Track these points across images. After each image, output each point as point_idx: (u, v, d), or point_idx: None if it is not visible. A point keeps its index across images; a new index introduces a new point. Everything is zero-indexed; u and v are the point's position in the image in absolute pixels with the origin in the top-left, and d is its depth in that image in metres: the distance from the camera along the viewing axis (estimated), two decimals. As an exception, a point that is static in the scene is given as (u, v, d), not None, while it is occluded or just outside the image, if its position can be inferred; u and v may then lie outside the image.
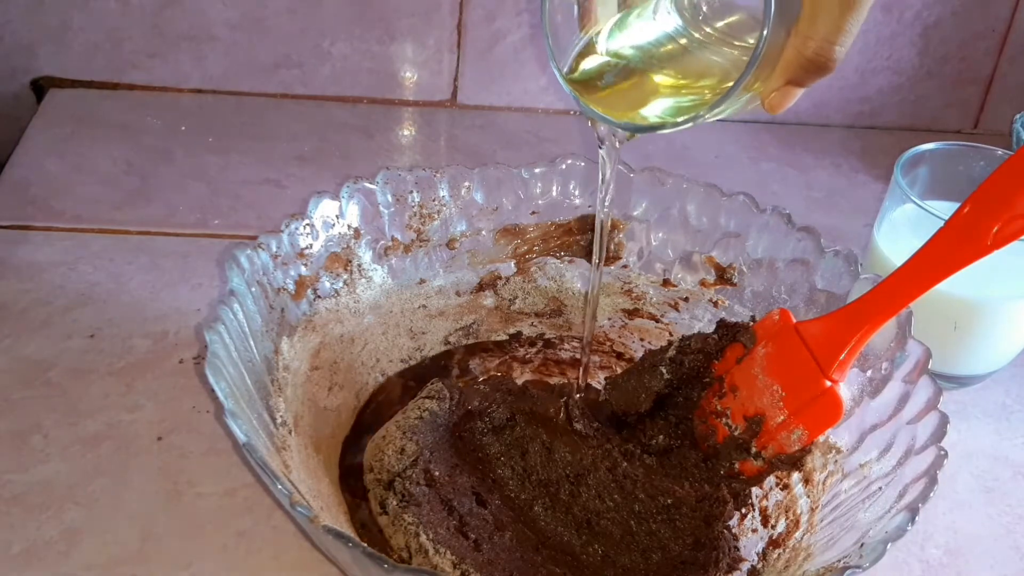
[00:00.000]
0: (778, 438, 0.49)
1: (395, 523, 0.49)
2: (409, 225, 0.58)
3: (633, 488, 0.52)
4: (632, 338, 0.61)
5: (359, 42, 0.82)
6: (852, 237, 0.73)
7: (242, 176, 0.76)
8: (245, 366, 0.47)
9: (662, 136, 0.85)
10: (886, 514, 0.43)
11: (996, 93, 0.89)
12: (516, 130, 0.85)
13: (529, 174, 0.59)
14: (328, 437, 0.53)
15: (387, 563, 0.37)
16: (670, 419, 0.53)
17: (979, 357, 0.62)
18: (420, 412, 0.53)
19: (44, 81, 0.82)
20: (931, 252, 0.45)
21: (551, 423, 0.54)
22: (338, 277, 0.55)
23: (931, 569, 0.53)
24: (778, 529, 0.50)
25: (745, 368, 0.50)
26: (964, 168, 0.62)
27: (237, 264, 0.49)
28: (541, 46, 0.83)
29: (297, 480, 0.45)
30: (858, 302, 0.47)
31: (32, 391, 0.57)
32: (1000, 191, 0.43)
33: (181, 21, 0.80)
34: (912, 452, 0.45)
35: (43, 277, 0.64)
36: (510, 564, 0.49)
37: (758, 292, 0.57)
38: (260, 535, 0.51)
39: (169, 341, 0.61)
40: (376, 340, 0.58)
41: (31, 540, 0.49)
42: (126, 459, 0.54)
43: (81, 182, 0.73)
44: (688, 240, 0.59)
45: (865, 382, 0.49)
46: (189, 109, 0.82)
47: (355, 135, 0.82)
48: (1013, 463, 0.60)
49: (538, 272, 0.61)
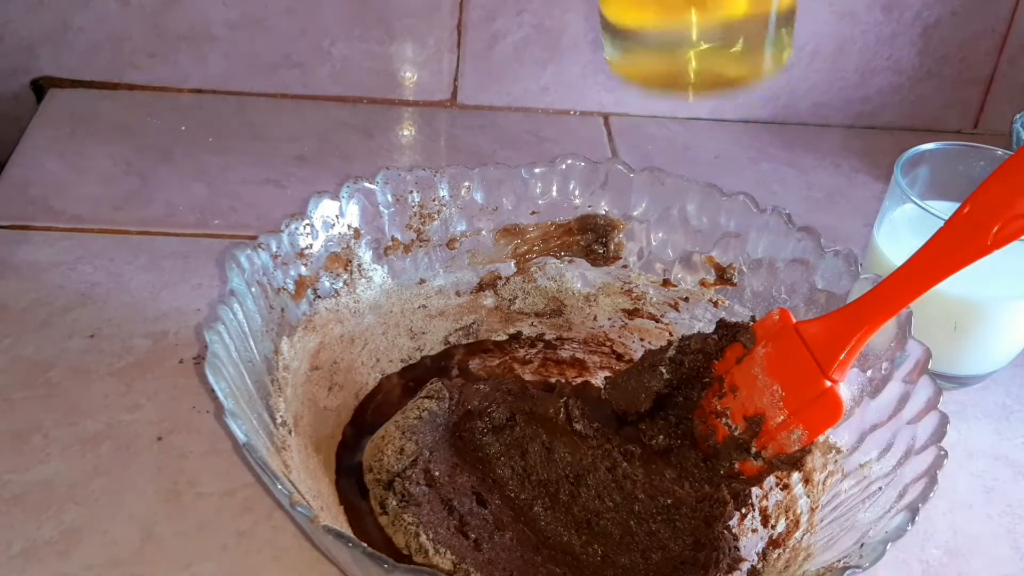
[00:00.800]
0: (778, 438, 0.49)
1: (395, 523, 0.49)
2: (409, 225, 0.58)
3: (633, 488, 0.52)
4: (632, 338, 0.61)
5: (359, 42, 0.82)
6: (852, 237, 0.73)
7: (242, 176, 0.76)
8: (245, 366, 0.47)
9: (661, 136, 0.85)
10: (886, 514, 0.43)
11: (996, 93, 0.89)
12: (516, 130, 0.85)
13: (529, 174, 0.59)
14: (328, 437, 0.53)
15: (387, 563, 0.37)
16: (670, 419, 0.54)
17: (979, 357, 0.62)
18: (419, 412, 0.53)
19: (44, 81, 0.82)
20: (931, 252, 0.45)
21: (551, 423, 0.54)
22: (338, 277, 0.55)
23: (931, 569, 0.53)
24: (778, 529, 0.50)
25: (745, 368, 0.50)
26: (964, 168, 0.62)
27: (237, 264, 0.49)
28: (541, 46, 0.83)
29: (297, 480, 0.45)
30: (858, 302, 0.47)
31: (32, 391, 0.57)
32: (1000, 191, 0.43)
33: (181, 21, 0.80)
34: (912, 452, 0.45)
35: (43, 277, 0.64)
36: (510, 564, 0.49)
37: (758, 292, 0.57)
38: (260, 535, 0.51)
39: (169, 341, 0.61)
40: (376, 340, 0.58)
41: (31, 540, 0.49)
42: (126, 459, 0.54)
43: (81, 182, 0.73)
44: (688, 240, 0.59)
45: (865, 382, 0.49)
46: (189, 109, 0.82)
47: (355, 135, 0.82)
48: (1013, 463, 0.60)
49: (538, 272, 0.61)
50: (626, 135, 0.85)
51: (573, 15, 0.82)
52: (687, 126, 0.87)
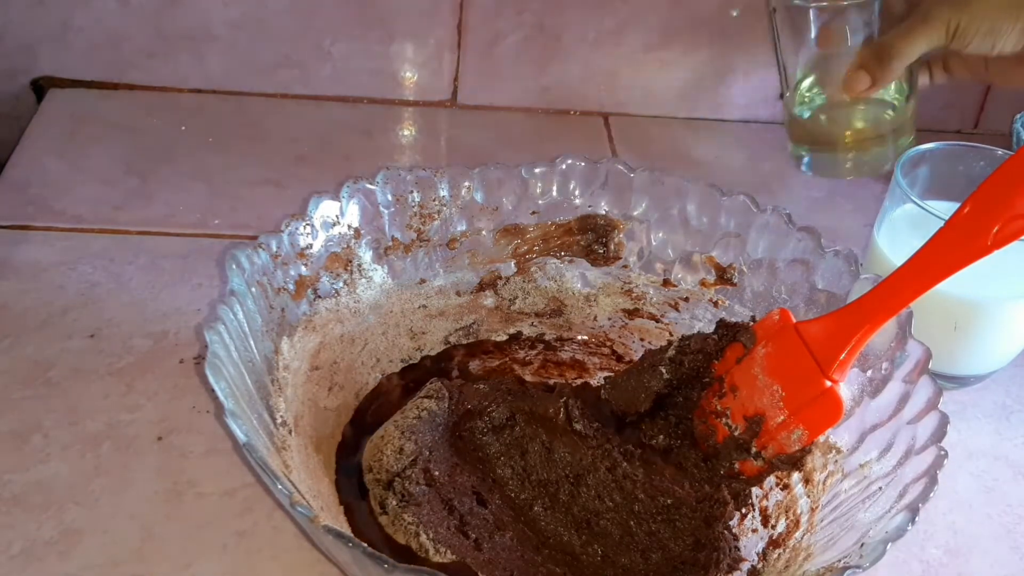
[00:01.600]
0: (778, 438, 0.49)
1: (395, 523, 0.49)
2: (409, 225, 0.58)
3: (633, 488, 0.52)
4: (632, 338, 0.61)
5: (359, 42, 0.82)
6: (852, 237, 0.73)
7: (242, 176, 0.76)
8: (245, 366, 0.47)
9: (661, 136, 0.85)
10: (886, 514, 0.43)
11: (996, 93, 0.89)
12: (516, 130, 0.85)
13: (529, 174, 0.59)
14: (328, 437, 0.53)
15: (387, 563, 0.37)
16: (670, 419, 0.53)
17: (979, 357, 0.62)
18: (418, 412, 0.53)
19: (44, 81, 0.82)
20: (931, 252, 0.45)
21: (551, 423, 0.54)
22: (338, 277, 0.55)
23: (931, 569, 0.53)
24: (778, 529, 0.50)
25: (745, 368, 0.50)
26: (964, 168, 0.62)
27: (237, 264, 0.49)
28: (541, 46, 0.83)
29: (297, 480, 0.45)
30: (858, 302, 0.47)
31: (32, 391, 0.57)
32: (1000, 191, 0.43)
33: (181, 21, 0.80)
34: (912, 452, 0.45)
35: (43, 277, 0.64)
36: (510, 564, 0.49)
37: (758, 292, 0.57)
38: (260, 535, 0.51)
39: (169, 341, 0.61)
40: (376, 340, 0.58)
41: (31, 540, 0.49)
42: (126, 459, 0.54)
43: (81, 182, 0.73)
44: (688, 240, 0.59)
45: (865, 382, 0.49)
46: (189, 109, 0.82)
47: (355, 135, 0.82)
48: (1013, 463, 0.60)
49: (538, 272, 0.61)
50: (626, 135, 0.85)
51: (573, 15, 0.82)
52: (687, 126, 0.87)
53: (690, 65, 0.85)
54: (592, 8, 0.82)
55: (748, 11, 0.82)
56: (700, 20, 0.83)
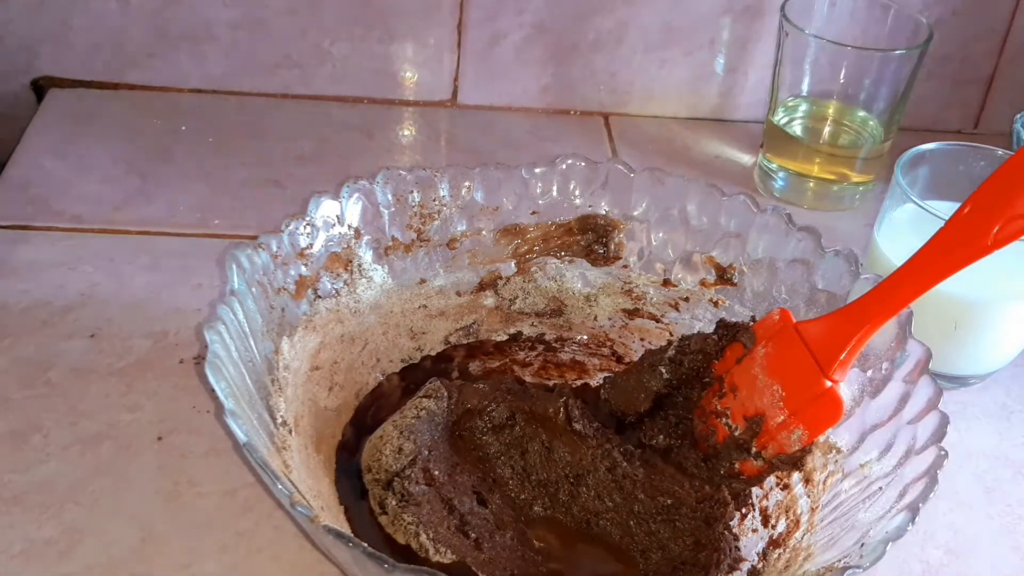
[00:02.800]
0: (778, 438, 0.49)
1: (395, 523, 0.49)
2: (409, 225, 0.58)
3: (633, 488, 0.52)
4: (632, 338, 0.61)
5: (359, 42, 0.82)
6: (852, 237, 0.73)
7: (242, 176, 0.76)
8: (245, 366, 0.47)
9: (661, 136, 0.85)
10: (886, 514, 0.43)
11: (996, 93, 0.89)
12: (516, 130, 0.85)
13: (529, 174, 0.58)
14: (328, 437, 0.53)
15: (387, 563, 0.37)
16: (670, 419, 0.53)
17: (979, 357, 0.62)
18: (418, 411, 0.53)
19: (44, 81, 0.82)
20: (931, 252, 0.45)
21: (551, 423, 0.54)
22: (338, 277, 0.55)
23: (931, 569, 0.53)
24: (778, 529, 0.50)
25: (745, 368, 0.50)
26: (964, 168, 0.62)
27: (237, 264, 0.49)
28: (541, 46, 0.83)
29: (297, 480, 0.45)
30: (858, 302, 0.47)
31: (32, 391, 0.57)
32: (1000, 191, 0.43)
33: (181, 21, 0.80)
34: (912, 452, 0.45)
35: (43, 277, 0.64)
36: (511, 563, 0.49)
37: (758, 292, 0.57)
38: (260, 535, 0.51)
39: (169, 341, 0.61)
40: (376, 340, 0.58)
41: (31, 540, 0.49)
42: (126, 459, 0.54)
43: (81, 182, 0.73)
44: (688, 240, 0.59)
45: (865, 382, 0.49)
46: (189, 109, 0.82)
47: (355, 135, 0.82)
48: (1013, 463, 0.60)
49: (538, 272, 0.61)
50: (626, 135, 0.85)
51: (573, 15, 0.82)
52: (687, 126, 0.87)
53: (690, 65, 0.85)
54: (592, 8, 0.82)
55: (748, 11, 0.82)
56: (700, 20, 0.83)
